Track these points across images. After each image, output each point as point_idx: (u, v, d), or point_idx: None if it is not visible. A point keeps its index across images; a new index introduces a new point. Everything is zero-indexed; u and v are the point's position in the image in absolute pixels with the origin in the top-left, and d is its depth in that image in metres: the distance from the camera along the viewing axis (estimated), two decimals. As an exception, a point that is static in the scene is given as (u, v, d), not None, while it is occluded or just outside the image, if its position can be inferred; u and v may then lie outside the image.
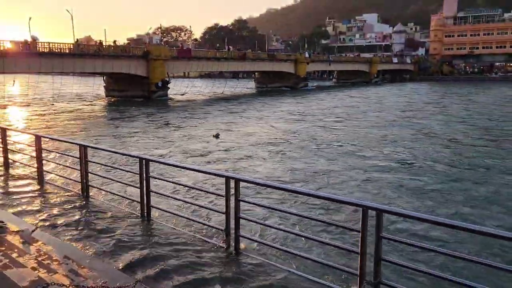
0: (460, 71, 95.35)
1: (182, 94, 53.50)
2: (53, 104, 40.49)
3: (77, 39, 43.55)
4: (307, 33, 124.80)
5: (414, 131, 22.75)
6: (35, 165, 8.54)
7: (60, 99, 45.03)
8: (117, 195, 7.93)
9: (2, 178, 9.01)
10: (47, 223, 6.30)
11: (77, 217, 6.52)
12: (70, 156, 9.90)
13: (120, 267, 4.76)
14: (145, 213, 6.26)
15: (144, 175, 6.02)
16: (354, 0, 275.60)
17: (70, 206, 7.01)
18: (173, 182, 9.50)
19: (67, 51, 39.90)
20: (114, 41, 47.31)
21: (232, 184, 4.82)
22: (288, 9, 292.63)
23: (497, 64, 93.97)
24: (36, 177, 8.53)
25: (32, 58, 37.19)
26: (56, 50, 38.22)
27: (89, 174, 7.46)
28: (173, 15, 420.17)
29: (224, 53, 56.90)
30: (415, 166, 14.72)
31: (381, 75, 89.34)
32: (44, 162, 8.61)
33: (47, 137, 9.19)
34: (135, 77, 46.60)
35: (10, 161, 9.67)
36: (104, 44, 45.64)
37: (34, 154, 8.50)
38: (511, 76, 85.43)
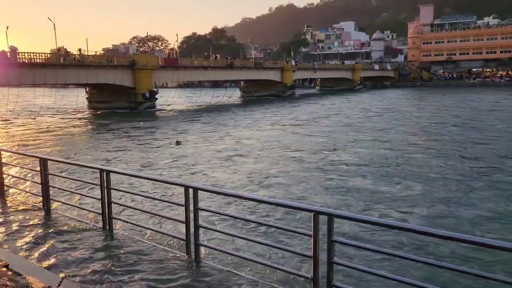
0: (439, 77, 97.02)
1: (169, 105, 51.51)
2: (34, 118, 37.84)
3: (58, 49, 40.94)
4: (286, 41, 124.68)
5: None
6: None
7: (42, 113, 42.21)
8: (78, 207, 7.87)
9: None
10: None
11: (36, 231, 6.43)
12: (32, 169, 9.63)
13: (77, 280, 4.76)
14: (107, 225, 6.22)
15: (105, 186, 6.01)
16: (326, 10, 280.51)
17: (30, 220, 6.89)
18: (133, 193, 9.53)
19: (46, 62, 37.37)
20: (79, 49, 42.78)
21: (191, 193, 4.83)
22: (263, 18, 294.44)
23: (474, 69, 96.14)
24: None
25: (12, 69, 34.57)
26: (39, 61, 35.66)
27: (50, 187, 7.30)
28: (148, 25, 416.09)
29: (211, 62, 55.29)
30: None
31: (362, 82, 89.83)
32: (4, 176, 8.57)
33: (8, 151, 9.36)
34: (121, 88, 44.37)
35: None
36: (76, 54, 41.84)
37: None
38: (489, 82, 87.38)
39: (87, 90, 49.22)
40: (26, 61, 35.84)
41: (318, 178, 13.74)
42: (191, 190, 4.86)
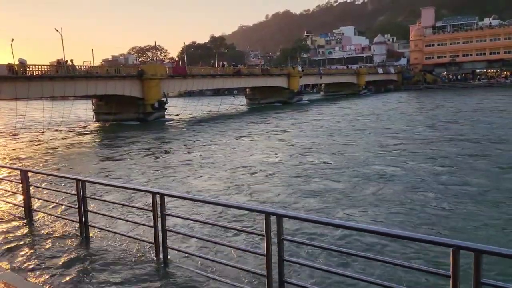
0: (443, 79, 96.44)
1: (177, 115, 50.47)
2: (43, 133, 36.77)
3: (58, 61, 39.86)
4: (287, 47, 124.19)
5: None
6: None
7: (51, 126, 41.11)
8: (58, 216, 8.01)
9: None
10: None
11: (18, 241, 6.62)
12: (13, 181, 10.26)
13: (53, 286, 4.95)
14: (84, 232, 6.51)
15: (81, 195, 6.23)
16: (323, 15, 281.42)
17: (11, 230, 7.10)
18: (107, 201, 10.25)
19: (55, 74, 36.32)
20: (71, 60, 40.10)
21: (158, 199, 5.09)
22: (260, 25, 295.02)
23: (478, 71, 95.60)
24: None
25: (20, 83, 33.56)
26: (47, 73, 34.66)
27: (32, 198, 7.67)
28: (146, 35, 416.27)
29: (219, 70, 54.43)
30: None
31: (366, 86, 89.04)
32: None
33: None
34: (129, 99, 43.34)
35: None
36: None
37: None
38: (494, 82, 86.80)
39: (93, 102, 48.17)
40: (35, 74, 34.86)
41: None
42: (157, 196, 5.12)
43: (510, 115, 34.21)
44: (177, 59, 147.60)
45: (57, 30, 38.91)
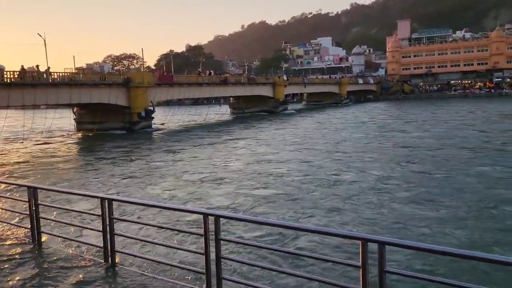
0: (420, 89, 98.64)
1: (162, 124, 48.89)
2: (22, 142, 34.58)
3: (38, 65, 37.70)
4: (267, 57, 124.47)
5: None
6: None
7: (31, 135, 38.80)
8: (10, 224, 7.64)
9: None
10: None
11: None
12: None
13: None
14: (36, 239, 6.49)
15: (33, 202, 6.23)
16: (297, 26, 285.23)
17: None
18: (59, 208, 10.28)
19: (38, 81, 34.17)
20: (37, 66, 36.53)
21: (106, 204, 5.25)
22: (235, 35, 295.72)
23: (453, 82, 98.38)
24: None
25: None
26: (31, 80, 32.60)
27: None
28: (120, 44, 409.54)
29: (206, 78, 53.30)
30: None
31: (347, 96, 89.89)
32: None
33: None
34: (114, 107, 41.54)
35: None
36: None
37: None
38: (469, 93, 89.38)
39: (74, 110, 46.02)
40: (14, 81, 32.72)
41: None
42: (106, 202, 5.27)
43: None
44: (154, 67, 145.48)
45: (40, 35, 36.84)
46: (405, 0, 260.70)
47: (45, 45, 36.72)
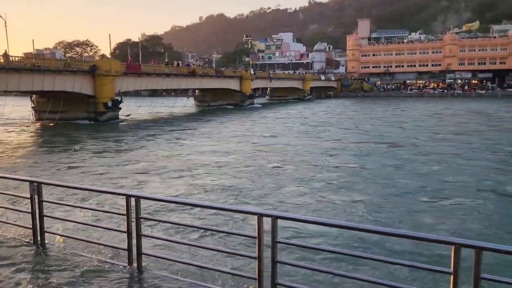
0: (379, 88, 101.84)
1: (128, 115, 46.70)
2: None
3: (5, 50, 34.68)
4: (229, 51, 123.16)
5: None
6: None
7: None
8: (10, 223, 6.84)
9: None
10: None
11: None
12: None
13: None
14: (38, 240, 5.88)
15: (36, 199, 5.68)
16: (256, 21, 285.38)
17: None
18: (68, 205, 9.12)
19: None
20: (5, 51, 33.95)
21: (133, 202, 4.68)
22: (193, 27, 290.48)
23: (409, 81, 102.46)
24: None
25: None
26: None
27: None
28: (73, 30, 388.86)
29: (174, 69, 51.56)
30: None
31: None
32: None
33: None
34: (77, 96, 39.06)
35: None
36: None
37: None
38: (425, 93, 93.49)
39: (32, 98, 42.83)
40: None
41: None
42: (132, 199, 4.71)
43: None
44: (109, 56, 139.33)
45: (1, 16, 33.60)
46: (360, 1, 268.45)
47: (6, 27, 33.61)
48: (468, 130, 30.47)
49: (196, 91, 67.09)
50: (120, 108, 42.23)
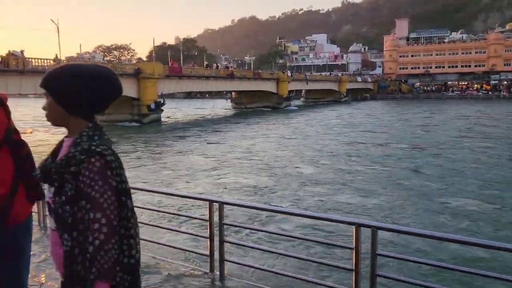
0: (418, 89, 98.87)
1: (168, 117, 47.29)
2: (31, 133, 32.62)
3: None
4: (263, 53, 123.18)
5: None
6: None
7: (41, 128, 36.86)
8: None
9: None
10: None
11: None
12: None
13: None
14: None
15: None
16: (288, 23, 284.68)
17: None
18: (152, 209, 8.76)
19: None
20: (21, 51, 33.18)
21: (216, 208, 4.54)
22: (225, 30, 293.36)
23: (450, 83, 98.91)
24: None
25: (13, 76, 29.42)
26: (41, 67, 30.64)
27: None
28: (109, 34, 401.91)
29: (213, 71, 51.79)
30: None
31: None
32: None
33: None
34: (123, 98, 39.70)
35: None
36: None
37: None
38: (467, 95, 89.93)
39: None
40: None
41: None
42: (215, 205, 4.62)
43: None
44: (146, 59, 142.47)
45: (53, 21, 34.77)
46: (395, 0, 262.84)
47: (58, 32, 34.63)
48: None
49: (233, 93, 67.11)
50: (162, 110, 42.74)
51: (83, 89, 1.61)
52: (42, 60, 33.34)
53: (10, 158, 2.23)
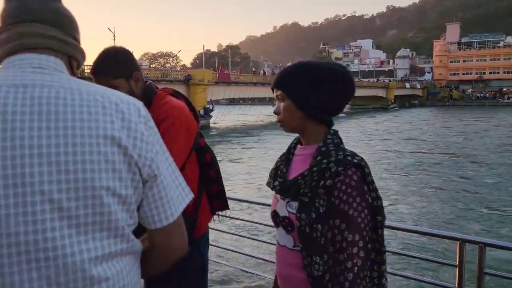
0: (470, 96, 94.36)
1: (215, 123, 47.68)
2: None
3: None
4: (305, 59, 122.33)
5: None
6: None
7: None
8: None
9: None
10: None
11: None
12: None
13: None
14: None
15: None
16: (330, 29, 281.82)
17: None
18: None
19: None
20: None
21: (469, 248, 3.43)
22: (267, 36, 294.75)
23: (505, 89, 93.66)
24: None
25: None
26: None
27: None
28: (153, 41, 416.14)
29: (260, 78, 51.78)
30: None
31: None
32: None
33: None
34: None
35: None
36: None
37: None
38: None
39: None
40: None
41: None
42: (469, 245, 3.49)
43: None
44: (190, 66, 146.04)
45: (110, 30, 36.06)
46: (443, 4, 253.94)
47: (114, 40, 35.85)
48: None
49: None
50: (211, 116, 43.08)
51: (333, 90, 1.40)
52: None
53: (196, 164, 2.01)
